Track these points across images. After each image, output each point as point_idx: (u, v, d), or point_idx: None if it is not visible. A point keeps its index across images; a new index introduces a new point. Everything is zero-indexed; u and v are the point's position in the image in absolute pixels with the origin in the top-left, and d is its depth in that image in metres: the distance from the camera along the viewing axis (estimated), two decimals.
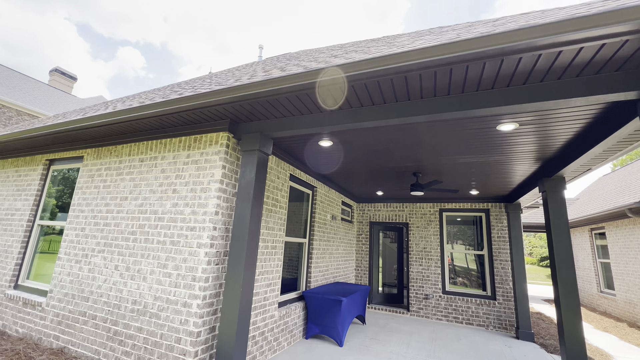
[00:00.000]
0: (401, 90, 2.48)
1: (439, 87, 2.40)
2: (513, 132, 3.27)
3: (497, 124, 3.07)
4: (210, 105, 2.98)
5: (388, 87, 2.46)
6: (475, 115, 2.51)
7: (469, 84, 2.32)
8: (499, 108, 2.34)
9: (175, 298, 3.07)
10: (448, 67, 2.12)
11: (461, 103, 2.43)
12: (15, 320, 4.17)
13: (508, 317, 6.30)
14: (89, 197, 4.15)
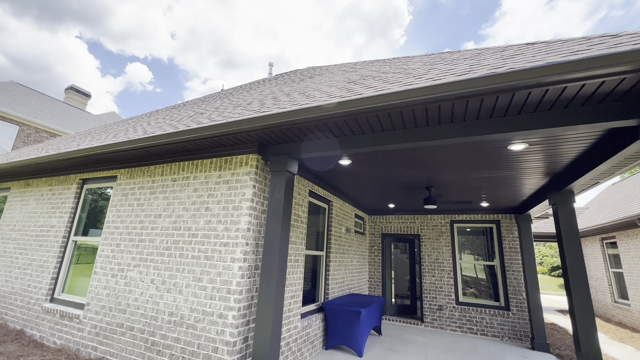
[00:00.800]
0: (421, 117, 2.74)
1: (456, 115, 2.65)
2: (523, 151, 3.50)
3: (508, 144, 3.31)
4: (243, 131, 3.26)
5: (409, 116, 2.72)
6: (489, 140, 2.76)
7: (483, 112, 2.58)
8: (511, 134, 2.58)
9: (211, 310, 3.29)
10: (465, 99, 2.38)
11: (477, 129, 2.68)
12: (53, 332, 4.42)
13: (522, 327, 6.37)
14: (123, 215, 4.43)
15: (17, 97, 18.08)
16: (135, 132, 5.02)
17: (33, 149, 7.99)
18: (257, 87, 8.73)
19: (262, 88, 7.96)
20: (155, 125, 5.26)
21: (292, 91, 4.91)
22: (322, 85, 4.54)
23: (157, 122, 5.91)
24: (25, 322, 4.80)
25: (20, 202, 6.03)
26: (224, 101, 6.86)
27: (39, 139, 17.53)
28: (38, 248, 5.25)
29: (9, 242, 5.76)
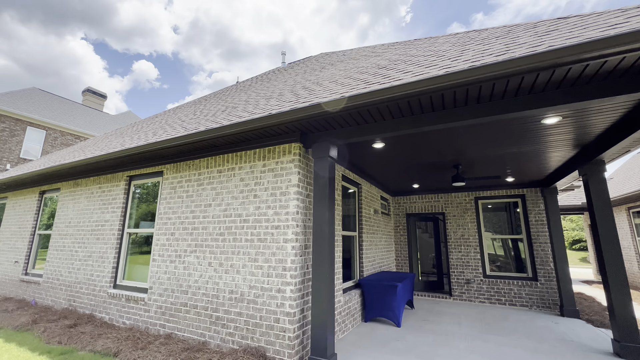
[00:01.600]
0: (461, 98, 2.90)
1: (495, 94, 2.81)
2: (555, 124, 3.62)
3: (542, 119, 3.44)
4: (287, 122, 3.49)
5: (450, 97, 2.89)
6: (522, 116, 2.91)
7: (522, 90, 2.72)
8: (547, 108, 2.73)
9: (269, 286, 3.64)
10: (505, 79, 2.53)
11: (515, 105, 2.83)
12: (121, 314, 4.92)
13: (551, 296, 6.57)
14: (174, 206, 4.81)
15: (40, 102, 18.77)
16: (175, 130, 5.34)
17: (72, 152, 8.48)
18: (275, 78, 8.89)
19: (283, 78, 8.12)
20: (193, 121, 5.56)
21: (321, 80, 5.09)
22: (351, 72, 4.70)
23: (190, 118, 6.22)
24: (94, 307, 5.33)
25: (71, 200, 6.53)
26: (249, 94, 7.08)
27: (65, 141, 18.28)
28: (95, 241, 5.73)
29: (67, 237, 6.28)
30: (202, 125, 4.64)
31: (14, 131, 16.29)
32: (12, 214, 7.97)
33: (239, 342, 3.70)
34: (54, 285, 6.13)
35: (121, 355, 3.63)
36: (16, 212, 7.88)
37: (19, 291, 6.90)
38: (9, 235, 7.79)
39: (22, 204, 7.80)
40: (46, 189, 7.28)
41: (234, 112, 4.96)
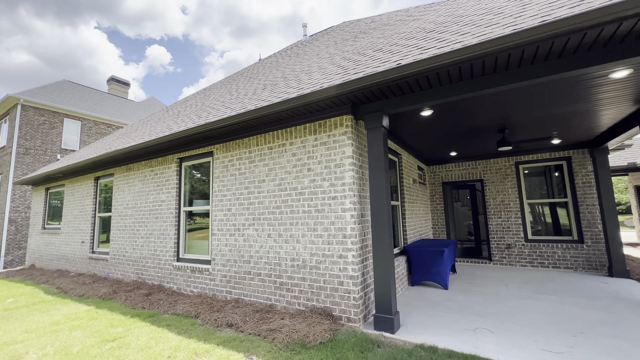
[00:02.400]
0: (529, 56, 2.82)
1: (567, 49, 2.70)
2: (622, 78, 3.44)
3: (610, 73, 3.28)
4: (341, 94, 3.53)
5: (516, 57, 2.82)
6: (589, 72, 2.79)
7: (599, 42, 2.60)
8: (622, 61, 2.60)
9: (331, 252, 3.88)
10: (582, 32, 2.43)
11: (588, 60, 2.72)
12: (187, 284, 5.41)
13: (598, 258, 6.51)
14: (228, 184, 5.08)
15: (72, 94, 19.55)
16: (220, 111, 5.51)
17: (116, 139, 8.93)
18: (304, 52, 8.76)
19: (312, 51, 8.00)
20: (236, 101, 5.70)
21: (362, 49, 5.01)
22: (395, 39, 4.59)
23: (231, 99, 6.35)
24: (161, 278, 5.87)
25: (126, 184, 7.00)
26: (282, 70, 7.07)
27: (99, 130, 19.14)
28: (155, 220, 6.20)
29: (127, 218, 6.82)
30: (249, 104, 4.76)
31: (53, 123, 17.22)
32: (72, 200, 8.67)
33: (304, 304, 4.02)
34: (121, 261, 6.76)
35: (201, 317, 4.06)
36: (75, 198, 8.56)
37: (88, 267, 7.66)
38: (72, 218, 8.52)
39: (79, 190, 8.44)
40: (100, 174, 7.81)
41: (277, 89, 5.03)
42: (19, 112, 15.92)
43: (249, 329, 3.57)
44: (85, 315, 4.42)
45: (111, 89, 24.73)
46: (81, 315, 4.43)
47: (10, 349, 3.37)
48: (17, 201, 15.71)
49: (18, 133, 15.85)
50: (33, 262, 9.95)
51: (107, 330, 3.77)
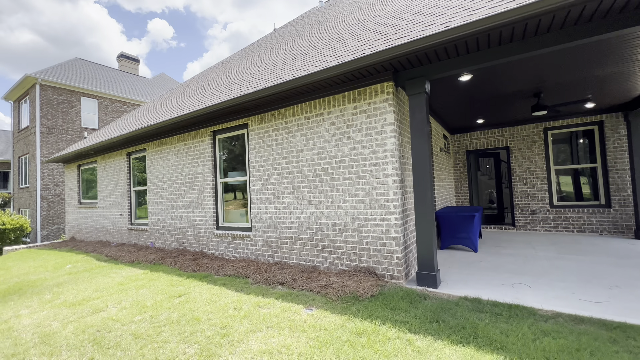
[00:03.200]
0: (574, 16, 2.77)
1: (614, 9, 2.65)
2: None
3: None
4: (386, 60, 3.55)
5: (560, 18, 2.77)
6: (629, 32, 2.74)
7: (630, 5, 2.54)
8: None
9: (373, 216, 4.08)
10: None
11: (624, 22, 2.67)
12: (229, 250, 5.77)
13: (625, 221, 6.58)
14: (265, 155, 5.25)
15: (86, 72, 19.57)
16: (251, 82, 5.56)
17: (141, 115, 9.10)
18: (325, 19, 8.51)
19: (337, 17, 7.78)
20: (268, 72, 5.71)
21: (400, 12, 4.90)
22: (434, 1, 4.47)
23: (260, 70, 6.35)
24: (202, 245, 6.26)
25: (159, 158, 7.26)
26: (309, 39, 6.96)
27: (115, 108, 19.33)
28: (192, 192, 6.49)
29: (163, 191, 7.15)
30: (284, 74, 4.80)
31: (71, 102, 17.45)
32: (105, 175, 9.05)
33: (347, 264, 4.30)
34: (161, 231, 7.18)
35: (251, 277, 4.41)
36: (108, 174, 8.93)
37: (129, 237, 8.16)
38: (107, 193, 8.95)
39: (112, 166, 8.78)
40: (132, 150, 8.08)
41: (310, 58, 5.03)
42: (38, 91, 16.15)
43: (300, 286, 3.88)
44: (143, 277, 4.84)
45: (122, 65, 24.58)
46: (139, 277, 4.85)
47: (90, 304, 3.79)
48: (46, 179, 16.38)
49: (40, 113, 16.18)
50: (73, 234, 10.60)
51: (169, 289, 4.15)
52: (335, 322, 2.89)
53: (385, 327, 2.73)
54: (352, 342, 2.52)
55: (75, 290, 4.41)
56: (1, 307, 3.94)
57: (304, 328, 2.81)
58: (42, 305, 3.88)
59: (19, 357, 2.63)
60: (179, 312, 3.35)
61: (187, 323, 3.06)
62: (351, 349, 2.42)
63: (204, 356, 2.44)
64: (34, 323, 3.34)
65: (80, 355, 2.59)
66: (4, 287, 4.93)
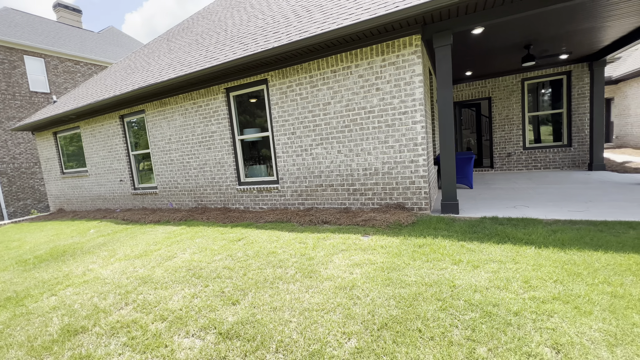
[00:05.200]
0: None
1: None
2: None
3: None
4: (415, 15, 3.87)
5: None
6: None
7: None
8: None
9: (402, 160, 4.67)
10: None
11: None
12: (255, 202, 6.15)
13: (581, 157, 7.94)
14: (289, 109, 5.47)
15: (23, 26, 16.85)
16: (266, 38, 5.55)
17: (127, 73, 8.49)
18: None
19: None
20: (275, 26, 5.69)
21: None
22: None
23: (276, 21, 6.24)
24: (224, 202, 6.55)
25: (163, 119, 7.08)
26: None
27: (67, 69, 17.24)
28: (207, 151, 6.57)
29: (172, 152, 7.10)
30: (312, 28, 4.89)
31: (12, 62, 15.19)
32: (94, 141, 8.57)
33: (378, 202, 4.95)
34: (174, 192, 7.27)
35: (293, 220, 4.91)
36: (97, 139, 8.46)
37: (134, 202, 8.11)
38: (99, 160, 8.57)
39: (102, 130, 8.32)
40: (126, 112, 7.69)
41: (328, 10, 5.12)
42: None
43: (345, 222, 4.49)
44: (185, 231, 5.13)
45: (60, 17, 21.27)
46: (181, 231, 5.13)
47: (156, 254, 4.08)
48: (1, 152, 14.74)
49: None
50: (60, 206, 10.12)
51: (223, 236, 4.53)
52: (395, 241, 3.56)
53: (437, 240, 3.45)
54: (417, 251, 3.21)
55: (126, 246, 4.62)
56: (63, 266, 4.10)
57: (373, 247, 3.44)
58: (106, 261, 4.10)
59: (133, 294, 2.97)
60: (251, 250, 3.81)
61: (267, 256, 3.55)
62: (420, 254, 3.11)
63: (306, 273, 2.99)
64: (118, 271, 3.61)
65: (193, 285, 3.00)
66: (41, 252, 4.95)
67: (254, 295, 2.67)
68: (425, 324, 2.04)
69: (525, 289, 2.33)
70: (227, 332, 2.19)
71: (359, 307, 2.31)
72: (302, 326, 2.16)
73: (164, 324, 2.41)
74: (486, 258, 2.90)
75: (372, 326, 2.08)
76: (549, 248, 2.97)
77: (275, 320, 2.27)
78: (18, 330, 2.59)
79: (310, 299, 2.51)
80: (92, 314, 2.68)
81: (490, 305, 2.16)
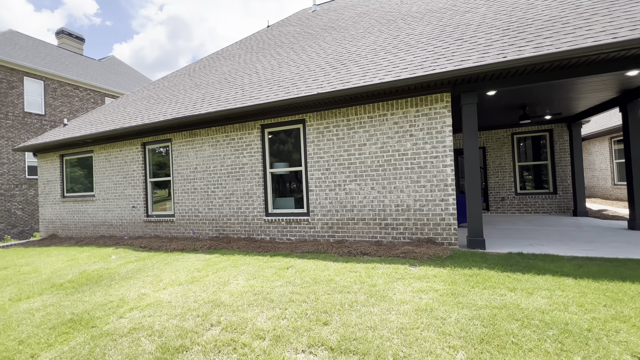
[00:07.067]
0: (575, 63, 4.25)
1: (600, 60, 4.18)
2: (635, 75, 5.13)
3: (626, 72, 4.91)
4: (450, 78, 4.66)
5: (575, 63, 4.23)
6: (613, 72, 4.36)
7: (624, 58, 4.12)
8: None
9: (433, 198, 5.19)
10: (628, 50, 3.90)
11: (621, 65, 4.25)
12: (283, 233, 6.33)
13: (565, 204, 8.92)
14: (324, 147, 5.96)
15: (27, 48, 16.92)
16: (305, 85, 6.20)
17: (144, 100, 8.77)
18: (344, 27, 9.32)
19: (355, 28, 8.65)
20: (315, 74, 6.38)
21: (441, 35, 6.04)
22: (470, 30, 5.72)
23: (294, 71, 6.95)
24: (249, 232, 6.65)
25: (191, 149, 7.32)
26: (344, 46, 7.74)
27: (65, 92, 17.17)
28: (235, 182, 6.81)
29: (196, 182, 7.25)
30: (354, 79, 5.59)
31: (11, 83, 14.99)
32: (108, 166, 8.51)
33: (409, 237, 5.35)
34: (194, 221, 7.28)
35: (330, 251, 5.15)
36: (113, 164, 8.43)
37: (145, 230, 7.94)
38: (111, 185, 8.45)
39: (118, 156, 8.33)
40: (150, 140, 7.86)
41: (362, 65, 5.90)
42: None
43: (383, 254, 4.80)
44: (222, 259, 5.17)
45: (62, 43, 21.54)
46: (218, 260, 5.16)
47: (206, 280, 4.13)
48: None
49: None
50: (54, 231, 9.57)
51: (269, 264, 4.66)
52: (443, 272, 3.91)
53: (483, 270, 3.85)
54: (470, 280, 3.58)
55: (166, 273, 4.60)
56: (110, 290, 4.02)
57: (426, 276, 3.77)
58: (155, 286, 4.08)
59: (212, 316, 3.05)
60: (306, 277, 3.99)
61: (327, 283, 3.75)
62: (475, 282, 3.47)
63: (378, 297, 3.24)
64: (178, 295, 3.64)
65: (270, 309, 3.14)
66: (71, 277, 4.77)
67: (340, 317, 2.86)
68: (517, 338, 2.36)
69: (584, 311, 2.74)
70: (337, 348, 2.38)
71: (449, 326, 2.59)
72: (407, 342, 2.40)
73: (266, 342, 2.54)
74: (534, 286, 3.32)
75: (471, 341, 2.36)
76: (584, 279, 3.45)
77: (377, 337, 2.49)
78: (110, 350, 2.59)
79: (397, 319, 2.76)
80: (182, 334, 2.74)
81: (563, 324, 2.53)
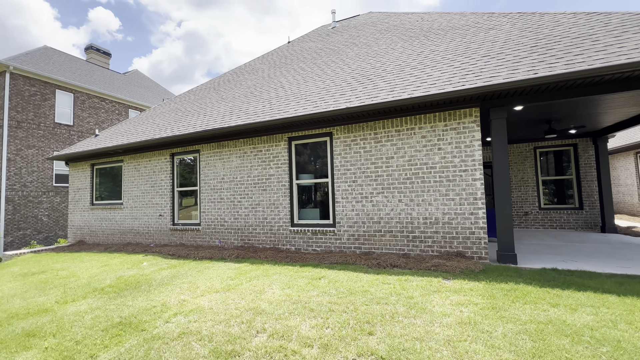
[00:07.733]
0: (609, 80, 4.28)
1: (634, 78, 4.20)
2: None
3: None
4: (479, 94, 4.75)
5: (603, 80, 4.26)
6: None
7: None
8: None
9: (462, 211, 5.20)
10: None
11: None
12: (308, 244, 6.40)
13: (592, 220, 8.72)
14: (351, 160, 6.08)
15: (59, 63, 17.88)
16: (337, 98, 6.38)
17: (178, 116, 9.11)
18: (354, 45, 9.58)
19: (377, 44, 8.88)
20: (343, 89, 6.56)
21: (465, 51, 6.18)
22: (497, 47, 5.84)
23: (320, 85, 7.15)
24: (274, 242, 6.75)
25: (218, 160, 7.55)
26: (370, 62, 7.95)
27: (92, 104, 17.95)
28: (261, 192, 6.96)
29: (223, 191, 7.44)
30: (381, 94, 5.74)
31: (44, 95, 15.83)
32: (137, 175, 8.84)
33: (437, 250, 5.34)
34: (219, 230, 7.43)
35: (359, 263, 5.18)
36: (141, 174, 8.75)
37: (171, 238, 8.14)
38: (139, 194, 8.74)
39: (147, 166, 8.65)
40: (179, 150, 8.15)
41: (388, 80, 6.05)
42: (7, 81, 14.44)
43: (414, 267, 4.80)
44: (253, 268, 5.27)
45: (90, 58, 22.68)
46: (249, 269, 5.26)
47: (242, 288, 4.23)
48: (13, 179, 14.56)
49: (9, 104, 14.45)
50: (81, 238, 9.89)
51: (300, 274, 4.73)
52: (479, 286, 3.89)
53: (521, 285, 3.82)
54: (508, 294, 3.56)
55: (200, 280, 4.72)
56: (151, 295, 4.15)
57: (462, 290, 3.76)
58: (193, 292, 4.19)
59: (255, 323, 3.13)
60: (341, 287, 4.03)
61: (362, 294, 3.79)
62: (514, 297, 3.45)
63: (418, 309, 3.26)
64: (217, 302, 3.74)
65: (312, 317, 3.20)
66: (109, 282, 4.94)
67: (384, 328, 2.90)
68: (570, 354, 2.35)
69: (634, 329, 2.70)
70: (388, 358, 2.42)
71: (496, 340, 2.60)
72: (457, 353, 2.42)
73: (315, 350, 2.60)
74: (577, 303, 3.28)
75: (523, 355, 2.37)
76: (628, 297, 3.39)
77: (426, 348, 2.51)
78: (164, 353, 2.69)
79: (442, 331, 2.78)
80: (231, 340, 2.82)
81: (615, 341, 2.50)
